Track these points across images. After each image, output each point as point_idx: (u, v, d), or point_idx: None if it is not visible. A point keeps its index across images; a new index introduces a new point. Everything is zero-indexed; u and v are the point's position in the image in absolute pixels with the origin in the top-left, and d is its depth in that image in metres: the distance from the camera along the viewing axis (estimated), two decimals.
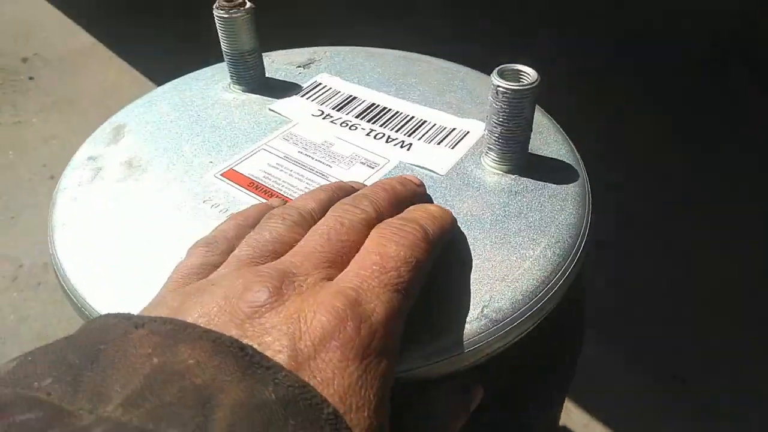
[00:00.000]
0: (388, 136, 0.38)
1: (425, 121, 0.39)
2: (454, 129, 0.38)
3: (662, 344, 0.76)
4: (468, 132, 0.38)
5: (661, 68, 1.16)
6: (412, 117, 0.40)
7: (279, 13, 1.13)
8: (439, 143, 0.37)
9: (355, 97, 0.41)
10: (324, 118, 0.39)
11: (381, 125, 0.39)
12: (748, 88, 1.12)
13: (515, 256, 0.30)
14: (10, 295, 0.79)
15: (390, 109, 0.40)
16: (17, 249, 0.85)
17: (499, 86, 0.31)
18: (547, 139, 0.38)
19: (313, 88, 0.42)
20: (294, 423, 0.17)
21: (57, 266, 0.30)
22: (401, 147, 0.37)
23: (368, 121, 0.39)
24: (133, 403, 0.16)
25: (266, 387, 0.17)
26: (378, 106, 0.41)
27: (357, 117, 0.40)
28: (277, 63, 0.46)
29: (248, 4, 0.38)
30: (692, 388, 0.71)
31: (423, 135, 0.38)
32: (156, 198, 0.33)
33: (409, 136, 0.38)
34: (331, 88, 0.42)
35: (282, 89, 0.42)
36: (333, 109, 0.40)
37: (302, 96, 0.42)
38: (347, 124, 0.39)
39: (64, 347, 0.18)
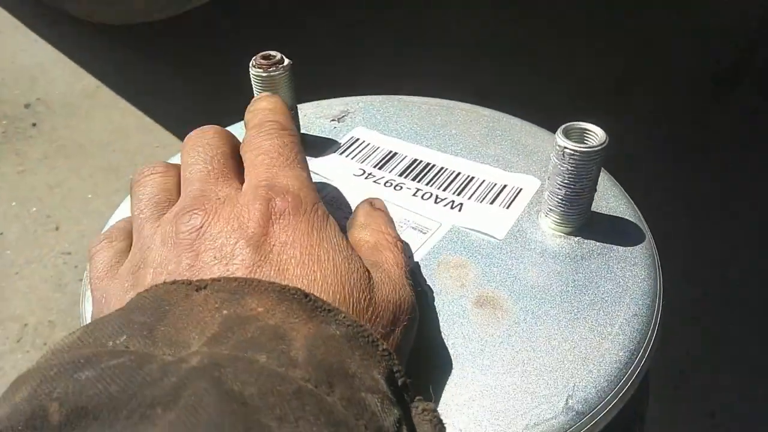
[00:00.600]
0: (437, 196, 0.36)
1: (473, 177, 0.37)
2: (505, 186, 0.36)
3: None
4: (521, 189, 0.36)
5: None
6: (459, 173, 0.37)
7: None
8: (491, 202, 0.35)
9: (396, 153, 0.39)
10: (366, 178, 0.37)
11: (427, 183, 0.37)
12: None
13: (593, 334, 0.28)
14: (15, 357, 0.76)
15: (434, 165, 0.38)
16: (22, 307, 0.81)
17: (566, 148, 0.29)
18: (605, 193, 0.36)
19: (351, 144, 0.40)
20: (359, 354, 0.20)
21: None
22: (452, 208, 0.35)
23: (413, 179, 0.37)
24: (216, 342, 0.18)
25: (330, 325, 0.20)
26: (421, 161, 0.39)
27: (400, 175, 0.37)
28: (310, 117, 0.43)
29: (287, 61, 0.36)
30: None
31: (473, 193, 0.36)
32: None
33: (459, 194, 0.36)
34: (369, 144, 0.40)
35: (319, 146, 0.40)
36: (374, 167, 0.38)
37: (341, 153, 0.39)
38: (391, 184, 0.37)
39: (126, 313, 0.20)
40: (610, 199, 0.36)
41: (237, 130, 0.43)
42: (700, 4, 1.38)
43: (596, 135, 0.30)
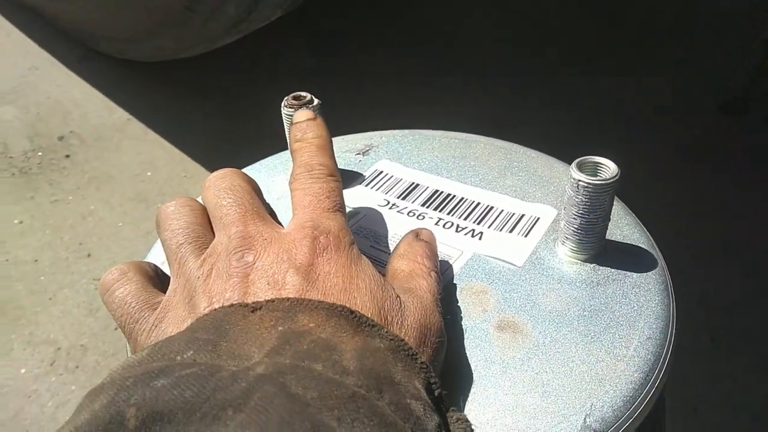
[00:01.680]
0: (458, 225, 0.38)
1: (492, 207, 0.39)
2: (523, 215, 0.38)
3: None
4: (538, 218, 0.38)
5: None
6: (479, 203, 0.39)
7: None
8: (510, 231, 0.37)
9: (418, 184, 0.41)
10: (390, 208, 0.39)
11: (448, 213, 0.39)
12: None
13: (609, 356, 0.29)
14: (49, 380, 0.78)
15: (455, 195, 0.40)
16: (55, 331, 0.84)
17: (580, 180, 0.31)
18: (619, 222, 0.37)
19: (376, 177, 0.43)
20: (401, 365, 0.22)
21: None
22: (472, 236, 0.37)
23: (435, 209, 0.39)
24: (276, 354, 0.20)
25: (374, 339, 0.22)
26: (442, 192, 0.41)
27: (423, 205, 0.39)
28: (336, 151, 0.46)
29: (316, 101, 0.39)
30: None
31: (493, 222, 0.38)
32: None
33: (479, 223, 0.38)
34: (393, 176, 0.43)
35: (345, 179, 0.42)
36: (398, 197, 0.40)
37: (366, 185, 0.42)
38: (414, 214, 0.39)
39: (190, 332, 0.22)
40: (624, 227, 0.37)
41: (253, 172, 0.45)
42: (704, 33, 1.40)
43: (609, 168, 0.32)
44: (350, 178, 0.42)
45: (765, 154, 1.10)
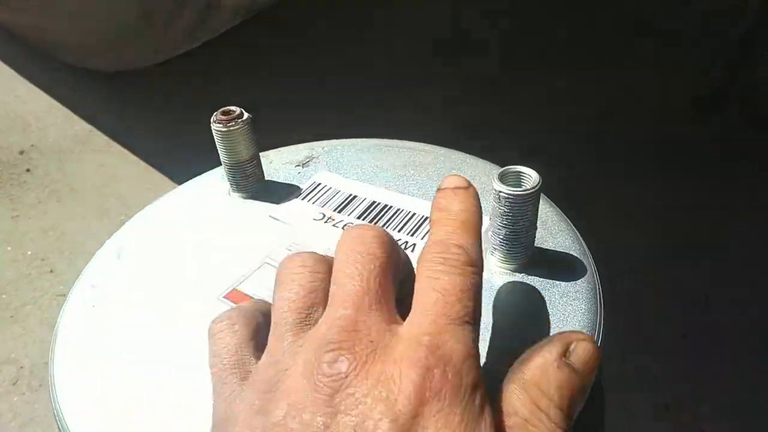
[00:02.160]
0: None
1: (427, 218, 0.39)
2: None
3: None
4: None
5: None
6: (414, 214, 0.39)
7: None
8: None
9: (355, 196, 0.41)
10: (326, 222, 0.39)
11: (383, 225, 0.39)
12: None
13: None
14: (11, 400, 0.77)
15: (391, 207, 0.40)
16: (17, 350, 0.83)
17: (501, 192, 0.31)
18: (552, 229, 0.38)
19: (313, 189, 0.42)
20: None
21: (58, 413, 0.28)
22: (405, 248, 0.37)
23: (370, 221, 0.39)
24: None
25: None
26: (379, 204, 0.40)
27: (358, 218, 0.39)
28: (276, 163, 0.46)
29: (246, 115, 0.38)
30: None
31: (426, 234, 0.38)
32: (158, 328, 0.32)
33: (412, 235, 0.38)
34: (330, 188, 0.42)
35: (282, 192, 0.42)
36: (334, 210, 0.40)
37: (302, 199, 0.41)
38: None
39: None
40: (557, 234, 0.37)
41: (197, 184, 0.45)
42: (681, 29, 1.41)
43: (531, 178, 0.32)
44: (288, 191, 0.42)
45: (738, 150, 1.11)
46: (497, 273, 0.34)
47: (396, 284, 0.25)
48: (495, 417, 0.21)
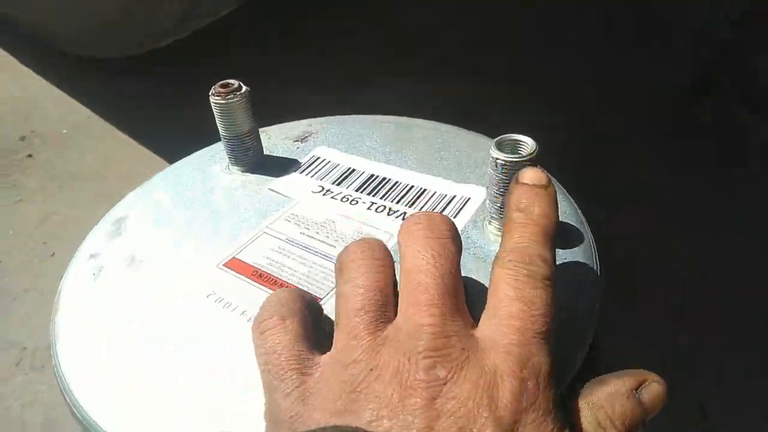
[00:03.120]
0: (390, 209, 0.38)
1: (425, 190, 0.39)
2: (454, 196, 0.38)
3: None
4: (469, 198, 0.38)
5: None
6: (412, 186, 0.40)
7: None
8: (440, 213, 0.37)
9: (354, 170, 0.41)
10: (324, 195, 0.39)
11: (382, 197, 0.39)
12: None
13: None
14: (15, 381, 0.78)
15: (389, 179, 0.40)
16: (20, 332, 0.84)
17: (497, 159, 0.31)
18: None
19: (312, 163, 0.42)
20: None
21: (63, 383, 0.29)
22: (403, 219, 0.37)
23: (369, 193, 0.39)
24: None
25: None
26: (377, 177, 0.41)
27: (357, 190, 0.39)
28: (274, 139, 0.46)
29: (244, 88, 0.38)
30: None
31: (424, 205, 0.38)
32: (158, 298, 0.32)
33: (411, 206, 0.38)
34: (329, 162, 0.42)
35: (281, 166, 0.42)
36: (333, 183, 0.40)
37: (301, 172, 0.42)
38: (348, 199, 0.39)
39: None
40: None
41: (196, 159, 0.45)
42: (673, 13, 1.40)
43: (527, 145, 0.32)
44: (287, 165, 0.42)
45: (731, 133, 1.11)
46: (495, 241, 0.34)
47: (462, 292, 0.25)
48: (573, 430, 0.22)
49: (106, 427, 0.26)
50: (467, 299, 0.25)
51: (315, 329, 0.25)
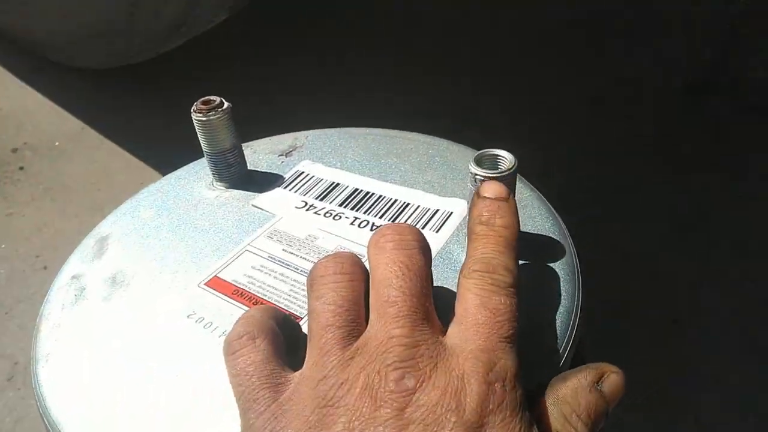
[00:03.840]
0: (373, 224, 0.38)
1: (408, 204, 0.39)
2: (437, 210, 0.38)
3: None
4: (451, 213, 0.38)
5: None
6: (395, 200, 0.40)
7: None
8: (423, 227, 0.37)
9: (338, 184, 0.41)
10: (307, 210, 0.39)
11: (365, 212, 0.39)
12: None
13: None
14: (6, 395, 0.78)
15: (373, 194, 0.40)
16: (12, 346, 0.83)
17: (476, 174, 0.31)
18: (532, 212, 0.38)
19: (296, 178, 0.42)
20: None
21: (41, 403, 0.29)
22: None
23: (352, 208, 0.39)
24: None
25: None
26: (361, 191, 0.41)
27: (340, 205, 0.39)
28: (259, 153, 0.46)
29: (225, 104, 0.38)
30: None
31: (406, 220, 0.38)
32: (139, 318, 0.32)
33: (394, 221, 0.38)
34: (313, 176, 0.42)
35: (265, 182, 0.42)
36: (316, 198, 0.40)
37: (285, 188, 0.42)
38: (331, 214, 0.39)
39: None
40: (537, 218, 0.37)
41: (183, 175, 0.45)
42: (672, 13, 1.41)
43: (506, 160, 0.32)
44: (270, 181, 0.42)
45: (729, 134, 1.11)
46: None
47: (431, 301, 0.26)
48: (540, 428, 0.23)
49: None
50: (444, 308, 0.26)
51: (291, 345, 0.26)
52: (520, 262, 0.34)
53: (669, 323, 0.83)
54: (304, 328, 0.28)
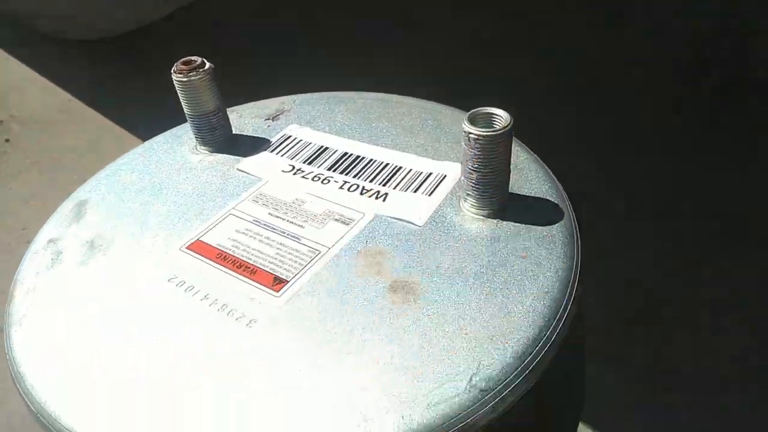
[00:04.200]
0: (363, 188, 0.36)
1: (400, 168, 0.38)
2: (430, 174, 0.37)
3: None
4: (445, 176, 0.37)
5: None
6: (387, 164, 0.38)
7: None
8: (415, 191, 0.36)
9: (326, 148, 0.40)
10: (295, 174, 0.38)
11: (355, 176, 0.37)
12: None
13: (502, 312, 0.28)
14: None
15: (363, 158, 0.39)
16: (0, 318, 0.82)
17: (470, 133, 0.30)
18: (528, 175, 0.36)
19: (283, 142, 0.41)
20: None
21: (15, 369, 0.28)
22: (377, 198, 0.35)
23: (341, 172, 0.38)
24: None
25: None
26: (351, 155, 0.39)
27: (329, 169, 0.38)
28: (245, 117, 0.44)
29: (207, 65, 0.37)
30: None
31: (399, 183, 0.36)
32: (118, 282, 0.31)
33: (385, 185, 0.36)
34: (301, 140, 0.41)
35: (250, 146, 0.41)
36: (304, 162, 0.39)
37: (271, 151, 0.40)
38: (319, 178, 0.37)
39: None
40: (534, 180, 0.36)
41: (162, 141, 0.43)
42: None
43: (501, 118, 0.31)
44: (256, 145, 0.41)
45: (725, 113, 1.09)
46: (470, 219, 0.33)
47: None
48: None
49: (57, 409, 0.25)
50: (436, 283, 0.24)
51: None
52: (516, 224, 0.33)
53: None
54: (294, 290, 0.27)
